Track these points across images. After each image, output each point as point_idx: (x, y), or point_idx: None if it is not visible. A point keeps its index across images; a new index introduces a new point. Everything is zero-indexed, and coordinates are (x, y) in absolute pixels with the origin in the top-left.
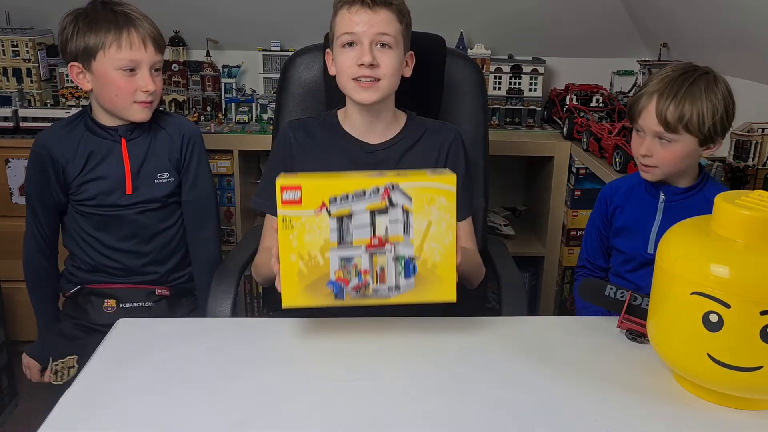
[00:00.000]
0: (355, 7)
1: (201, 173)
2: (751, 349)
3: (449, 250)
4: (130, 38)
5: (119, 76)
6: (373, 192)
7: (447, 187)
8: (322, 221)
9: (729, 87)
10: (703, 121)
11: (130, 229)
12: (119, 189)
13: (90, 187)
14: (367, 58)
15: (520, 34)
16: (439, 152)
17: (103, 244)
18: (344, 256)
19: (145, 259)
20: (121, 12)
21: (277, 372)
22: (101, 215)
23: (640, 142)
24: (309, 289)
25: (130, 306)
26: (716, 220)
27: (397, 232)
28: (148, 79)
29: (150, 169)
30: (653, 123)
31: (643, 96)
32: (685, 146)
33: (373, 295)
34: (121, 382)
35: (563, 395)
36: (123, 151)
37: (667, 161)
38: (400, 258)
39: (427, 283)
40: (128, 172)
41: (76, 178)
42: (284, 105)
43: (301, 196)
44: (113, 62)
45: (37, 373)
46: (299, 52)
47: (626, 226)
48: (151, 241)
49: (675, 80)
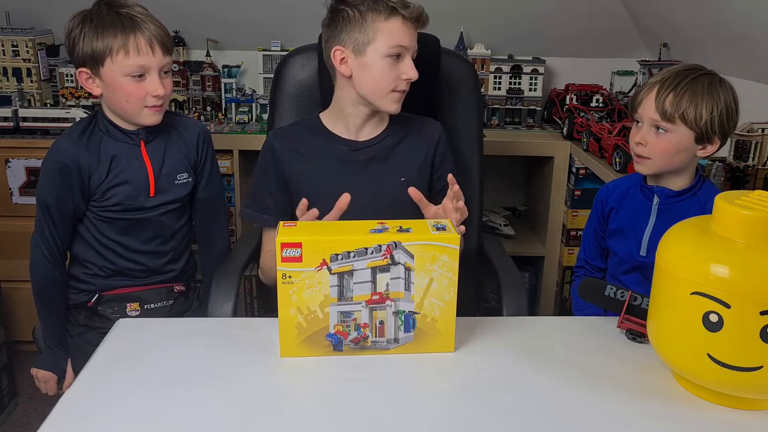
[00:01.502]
0: (411, 19)
1: (214, 171)
2: (751, 349)
3: (450, 305)
4: (137, 43)
5: (128, 82)
6: (375, 250)
7: (450, 246)
8: (322, 277)
9: (734, 93)
10: (701, 114)
11: (153, 231)
12: (144, 192)
13: (115, 193)
14: (415, 73)
15: (520, 34)
16: (428, 147)
17: (126, 248)
18: (344, 311)
19: (166, 258)
20: (126, 15)
21: (277, 372)
22: (125, 219)
23: (637, 131)
24: (307, 341)
25: (154, 307)
26: (716, 220)
27: (398, 288)
28: (157, 84)
29: (170, 170)
30: (651, 110)
31: (645, 87)
32: (680, 138)
33: (372, 347)
34: (121, 382)
35: (563, 395)
36: (143, 153)
37: (661, 152)
38: (400, 313)
39: (426, 336)
40: (151, 174)
41: (102, 184)
42: (279, 106)
43: (302, 254)
44: (121, 68)
45: (55, 384)
46: (293, 52)
47: (620, 228)
48: (171, 240)
49: (679, 73)
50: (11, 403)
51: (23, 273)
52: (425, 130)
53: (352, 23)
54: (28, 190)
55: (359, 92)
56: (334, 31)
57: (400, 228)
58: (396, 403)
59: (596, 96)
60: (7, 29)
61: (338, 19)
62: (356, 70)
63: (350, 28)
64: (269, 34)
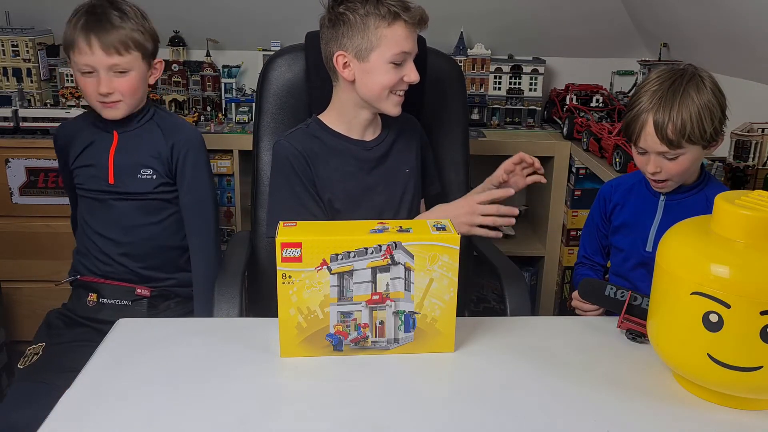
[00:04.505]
0: (413, 24)
1: (197, 178)
2: (751, 349)
3: (450, 305)
4: (89, 42)
5: (81, 78)
6: (375, 250)
7: (450, 246)
8: (322, 278)
9: (715, 81)
10: (704, 128)
11: (113, 217)
12: (103, 177)
13: (82, 172)
14: (417, 77)
15: (520, 34)
16: (416, 139)
17: (90, 228)
18: (344, 311)
19: (121, 249)
20: (100, 13)
21: (277, 372)
22: (90, 198)
23: (646, 161)
24: (307, 341)
25: (108, 302)
26: (716, 220)
27: (398, 288)
28: (103, 82)
29: (132, 163)
30: (655, 144)
31: (639, 116)
32: (691, 156)
33: (372, 347)
34: (120, 382)
35: (563, 395)
36: (113, 143)
37: (678, 172)
38: (400, 313)
39: (426, 336)
40: (111, 163)
41: (75, 162)
42: (265, 108)
43: (302, 254)
44: (76, 65)
45: None
46: (279, 52)
47: (626, 223)
48: (130, 232)
49: (665, 94)
50: None
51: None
52: (411, 125)
53: (354, 29)
54: (28, 190)
55: (362, 96)
56: (335, 35)
57: (400, 228)
58: (396, 404)
59: (596, 96)
60: (7, 29)
61: (339, 23)
62: (359, 75)
63: (352, 34)
64: (269, 34)
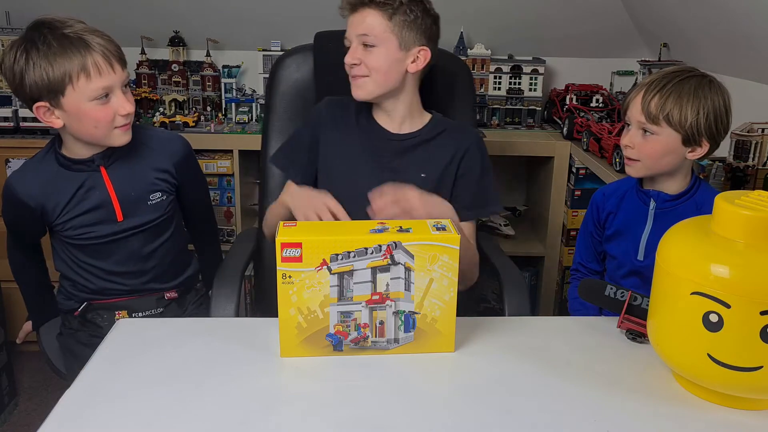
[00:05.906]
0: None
1: (197, 179)
2: (751, 349)
3: (450, 305)
4: (97, 63)
5: (94, 107)
6: (375, 250)
7: (451, 246)
8: (322, 277)
9: (727, 96)
10: (686, 116)
11: (126, 253)
12: (109, 218)
13: (79, 222)
14: (348, 59)
15: (520, 34)
16: (455, 152)
17: (103, 270)
18: (344, 311)
19: (148, 276)
20: (74, 35)
21: (277, 372)
22: (94, 244)
23: (626, 134)
24: (307, 341)
25: (143, 315)
26: (716, 220)
27: (398, 288)
28: (123, 102)
29: (141, 191)
30: (637, 112)
31: (635, 89)
32: (666, 140)
33: (372, 347)
34: (120, 382)
35: (563, 395)
36: (105, 179)
37: (648, 155)
38: (400, 313)
39: (426, 336)
40: (115, 200)
41: (59, 216)
42: (274, 107)
43: (302, 254)
44: (85, 94)
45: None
46: (288, 53)
47: (618, 232)
48: (150, 258)
49: (666, 75)
50: (11, 403)
51: None
52: (457, 136)
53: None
54: None
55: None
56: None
57: (400, 228)
58: (396, 404)
59: (596, 96)
60: (7, 29)
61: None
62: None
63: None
64: (269, 34)
